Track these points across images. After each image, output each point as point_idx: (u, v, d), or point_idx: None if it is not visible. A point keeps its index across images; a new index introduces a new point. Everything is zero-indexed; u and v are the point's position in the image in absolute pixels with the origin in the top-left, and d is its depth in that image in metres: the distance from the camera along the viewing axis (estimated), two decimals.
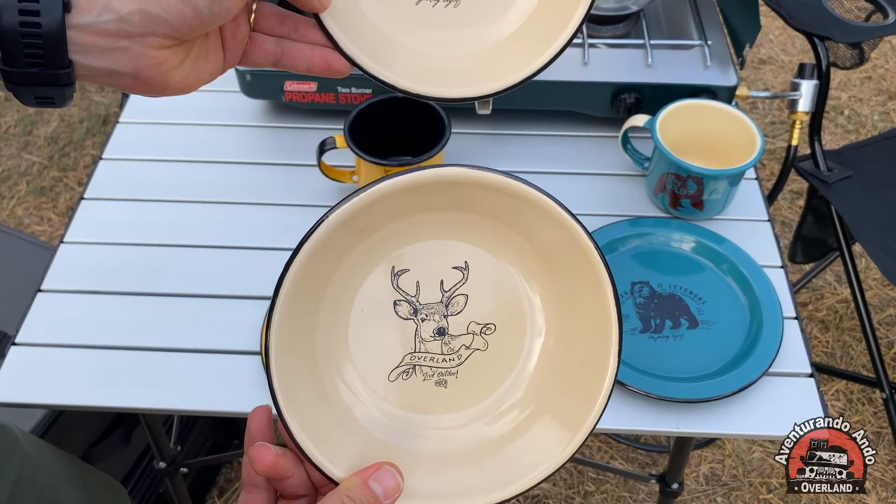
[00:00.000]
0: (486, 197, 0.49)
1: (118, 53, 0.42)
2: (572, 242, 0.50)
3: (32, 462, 0.73)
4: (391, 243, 0.50)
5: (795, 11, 1.21)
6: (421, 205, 0.49)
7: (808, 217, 1.37)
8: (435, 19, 0.53)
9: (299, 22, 0.50)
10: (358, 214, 0.47)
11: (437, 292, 0.51)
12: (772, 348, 0.74)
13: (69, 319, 0.79)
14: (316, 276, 0.48)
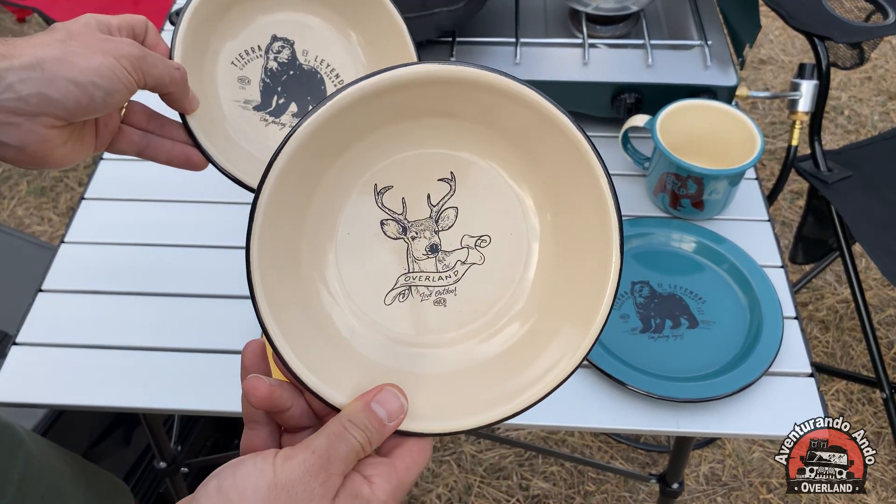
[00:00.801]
0: (451, 94, 0.46)
1: (11, 128, 0.46)
2: (548, 125, 0.45)
3: (37, 461, 0.73)
4: (367, 160, 0.48)
5: (795, 11, 1.21)
6: (388, 115, 0.47)
7: (808, 217, 1.37)
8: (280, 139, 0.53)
9: (165, 121, 0.58)
10: (321, 132, 0.44)
11: (424, 207, 0.49)
12: (772, 348, 0.74)
13: (70, 319, 0.79)
14: (291, 205, 0.46)
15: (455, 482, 1.45)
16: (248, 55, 0.63)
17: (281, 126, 0.62)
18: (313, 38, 0.64)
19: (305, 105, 0.63)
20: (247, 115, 0.62)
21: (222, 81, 0.62)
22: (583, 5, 0.99)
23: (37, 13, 1.62)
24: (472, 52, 0.95)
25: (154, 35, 0.56)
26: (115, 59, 0.48)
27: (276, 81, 0.63)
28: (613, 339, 0.76)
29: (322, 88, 0.64)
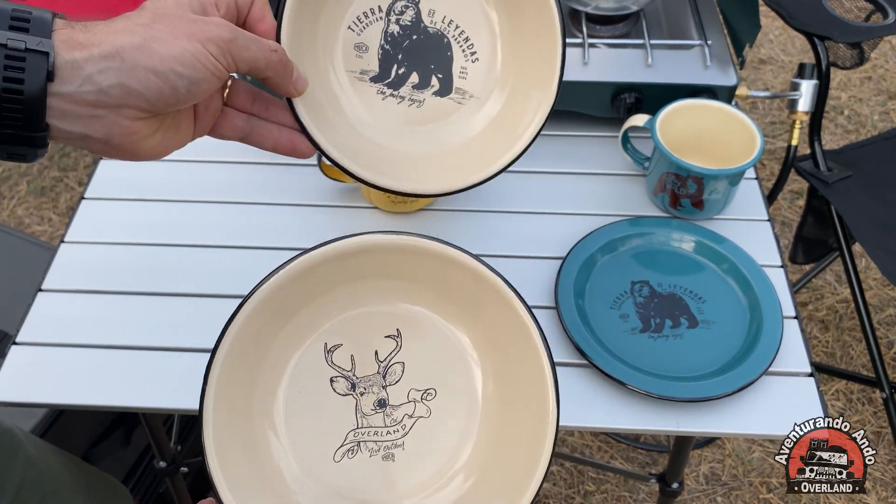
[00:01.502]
0: (399, 260, 0.49)
1: (94, 121, 0.43)
2: (488, 289, 0.49)
3: (36, 466, 0.73)
4: (319, 319, 0.50)
5: (795, 11, 1.21)
6: (338, 278, 0.49)
7: (808, 217, 1.37)
8: (398, 116, 0.55)
9: (270, 102, 0.52)
10: (276, 295, 0.47)
11: (372, 363, 0.51)
12: (772, 348, 0.74)
13: (70, 319, 0.79)
14: (246, 362, 0.47)
15: None
16: (368, 17, 0.55)
17: (399, 100, 0.55)
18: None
19: (428, 75, 0.55)
20: (362, 88, 0.55)
21: (337, 50, 0.55)
22: (582, 5, 0.99)
23: None
24: None
25: (260, 7, 0.50)
26: (200, 44, 0.44)
27: (397, 48, 0.55)
28: (613, 338, 0.76)
29: (448, 55, 0.55)
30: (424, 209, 0.90)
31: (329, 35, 0.54)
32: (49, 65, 0.41)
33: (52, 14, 0.43)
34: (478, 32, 0.56)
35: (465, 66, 0.56)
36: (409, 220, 0.89)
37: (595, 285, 0.81)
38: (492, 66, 0.56)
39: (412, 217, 0.89)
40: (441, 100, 0.55)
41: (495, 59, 0.56)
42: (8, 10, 0.42)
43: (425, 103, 0.55)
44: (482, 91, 0.56)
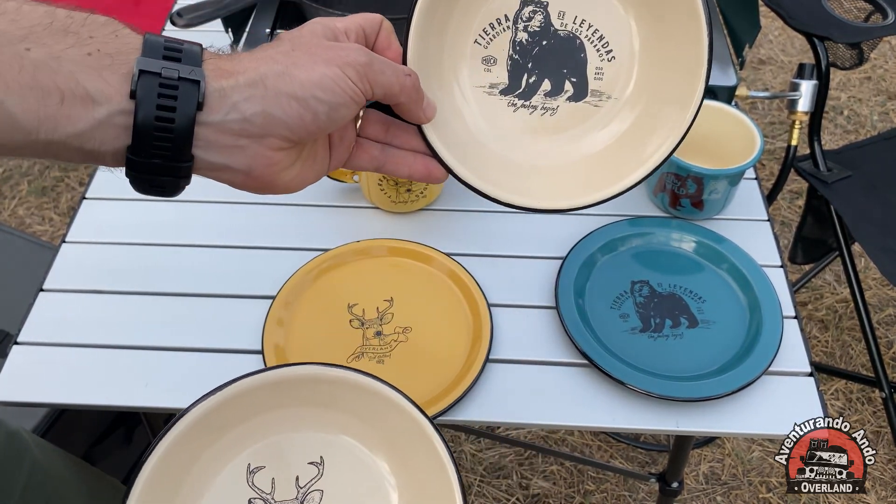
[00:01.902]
0: (338, 391, 0.52)
1: (237, 151, 0.44)
2: (416, 430, 0.52)
3: (41, 469, 0.73)
4: (245, 441, 0.52)
5: (795, 12, 1.21)
6: (268, 404, 0.52)
7: (808, 217, 1.37)
8: (531, 127, 0.53)
9: (401, 129, 0.52)
10: (207, 416, 0.50)
11: (292, 488, 0.52)
12: (771, 348, 0.74)
13: (71, 318, 0.80)
14: (170, 476, 0.49)
15: None
16: (494, 28, 0.52)
17: (531, 110, 0.52)
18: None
19: (561, 81, 0.52)
20: (492, 103, 0.53)
21: (464, 66, 0.52)
22: None
23: None
24: None
25: (387, 35, 0.50)
26: (338, 68, 0.44)
27: (527, 56, 0.52)
28: (613, 338, 0.76)
29: (582, 56, 0.52)
30: (424, 209, 0.90)
31: (455, 53, 0.52)
32: (200, 94, 0.41)
33: (201, 46, 0.44)
34: (613, 29, 0.52)
35: (600, 65, 0.52)
36: (410, 219, 0.89)
37: (595, 285, 0.81)
38: (630, 64, 0.52)
39: (412, 217, 0.89)
40: (577, 105, 0.53)
41: (633, 59, 0.52)
42: (161, 42, 0.42)
43: (559, 110, 0.53)
44: (620, 90, 0.53)
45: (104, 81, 0.40)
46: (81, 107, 0.40)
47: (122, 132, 0.41)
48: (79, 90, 0.39)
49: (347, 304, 0.80)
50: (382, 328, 0.78)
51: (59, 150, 0.41)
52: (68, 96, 0.39)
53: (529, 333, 0.78)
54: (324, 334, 0.78)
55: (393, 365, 0.75)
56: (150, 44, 0.42)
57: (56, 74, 0.39)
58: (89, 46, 0.40)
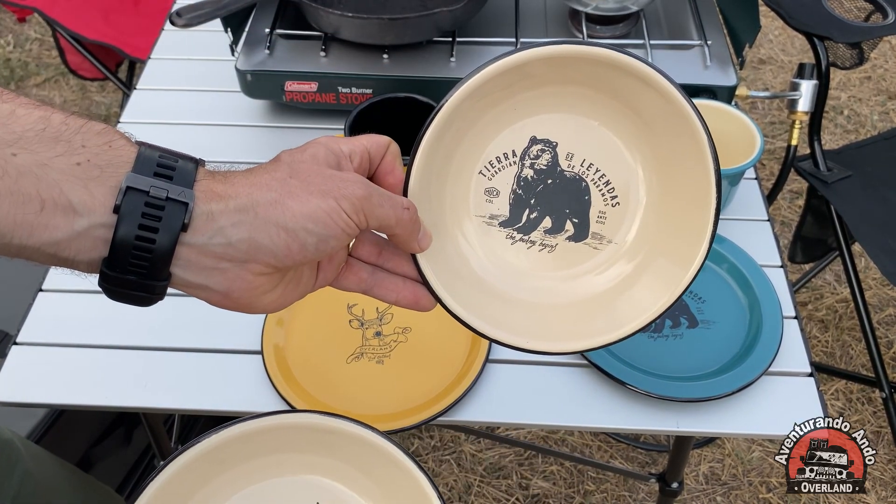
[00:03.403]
0: (336, 441, 0.53)
1: (217, 273, 0.43)
2: (415, 486, 0.52)
3: (33, 478, 0.73)
4: (243, 480, 0.54)
5: (795, 11, 1.21)
6: (273, 446, 0.53)
7: (807, 217, 1.37)
8: (527, 263, 0.53)
9: (395, 252, 0.50)
10: (203, 457, 0.53)
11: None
12: (771, 348, 0.74)
13: (70, 319, 0.79)
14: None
15: (455, 481, 1.45)
16: (500, 162, 0.52)
17: (529, 245, 0.52)
18: (582, 138, 0.51)
19: (563, 220, 0.52)
20: (491, 234, 0.52)
21: (467, 196, 0.52)
22: (583, 5, 0.99)
23: (37, 13, 1.62)
24: (472, 52, 0.95)
25: (392, 159, 0.49)
26: (334, 201, 0.43)
27: (530, 192, 0.52)
28: None
29: (586, 199, 0.52)
30: None
31: (459, 182, 0.52)
32: (187, 215, 0.40)
33: (196, 162, 0.42)
34: (620, 175, 0.52)
35: (603, 209, 0.52)
36: None
37: None
38: (634, 212, 0.52)
39: None
40: (576, 245, 0.52)
41: (638, 208, 0.52)
42: (155, 157, 0.41)
43: (557, 248, 0.52)
44: (622, 237, 0.52)
45: (89, 193, 0.39)
46: (62, 216, 0.39)
47: (100, 244, 0.40)
48: (61, 200, 0.38)
49: (347, 305, 0.80)
50: (382, 328, 0.78)
51: (31, 255, 0.40)
52: (49, 205, 0.38)
53: None
54: (323, 334, 0.78)
55: (392, 365, 0.75)
56: (143, 159, 0.41)
57: (39, 182, 0.38)
58: (80, 156, 0.39)
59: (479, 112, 0.50)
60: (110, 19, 1.72)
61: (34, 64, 2.32)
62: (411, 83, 0.92)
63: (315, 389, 0.74)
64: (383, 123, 0.88)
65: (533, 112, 0.51)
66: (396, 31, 0.91)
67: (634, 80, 0.47)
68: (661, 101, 0.47)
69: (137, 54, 1.62)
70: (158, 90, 1.05)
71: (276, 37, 0.97)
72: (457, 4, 0.90)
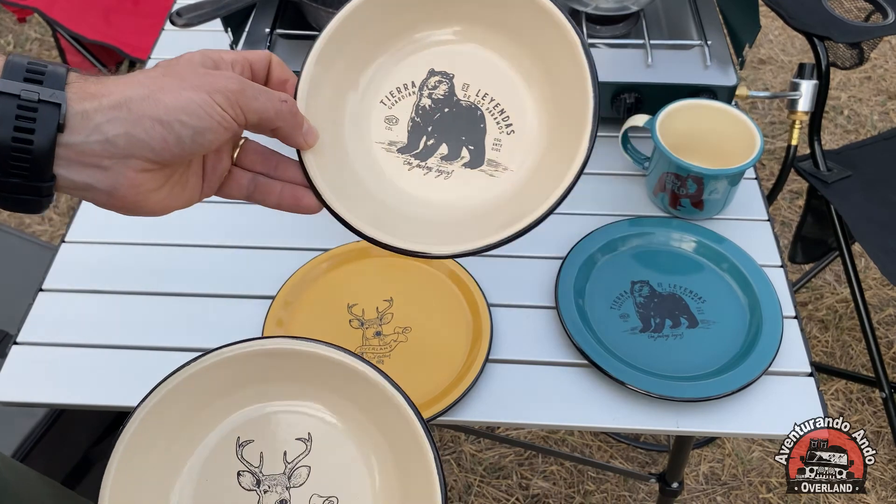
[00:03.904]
0: (325, 369, 0.53)
1: (99, 171, 0.44)
2: (399, 414, 0.53)
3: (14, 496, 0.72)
4: (236, 407, 0.54)
5: (795, 11, 1.21)
6: (263, 374, 0.53)
7: (807, 217, 1.37)
8: (422, 186, 0.54)
9: (280, 160, 0.52)
10: (203, 376, 0.52)
11: (280, 463, 0.53)
12: (771, 348, 0.74)
13: (70, 319, 0.80)
14: (154, 443, 0.51)
15: (455, 481, 1.45)
16: (401, 92, 0.55)
17: (426, 171, 0.54)
18: (478, 69, 0.54)
19: (458, 147, 0.54)
20: (389, 158, 0.54)
21: (367, 122, 0.54)
22: (583, 5, 0.99)
23: (37, 13, 1.62)
24: None
25: (280, 69, 0.51)
26: (206, 94, 0.44)
27: (428, 121, 0.54)
28: (613, 338, 0.76)
29: (482, 127, 0.54)
30: None
31: (361, 108, 0.54)
32: (61, 116, 0.42)
33: (67, 68, 0.44)
34: (514, 104, 0.54)
35: (499, 137, 0.54)
36: None
37: (595, 285, 0.81)
38: (527, 137, 0.54)
39: None
40: (472, 171, 0.54)
41: (531, 132, 0.54)
42: (23, 63, 0.43)
43: (454, 175, 0.54)
44: (518, 164, 0.54)
45: None
46: None
47: None
48: None
49: (347, 304, 0.80)
50: (382, 328, 0.78)
51: None
52: None
53: (529, 333, 0.78)
54: (323, 334, 0.78)
55: (393, 365, 0.75)
56: (12, 65, 0.42)
57: None
58: None
59: (373, 37, 0.53)
60: (110, 19, 1.72)
61: None
62: None
63: None
64: None
65: (431, 45, 0.54)
66: None
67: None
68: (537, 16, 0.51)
69: (137, 54, 1.62)
70: None
71: (276, 36, 0.97)
72: None
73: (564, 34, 0.50)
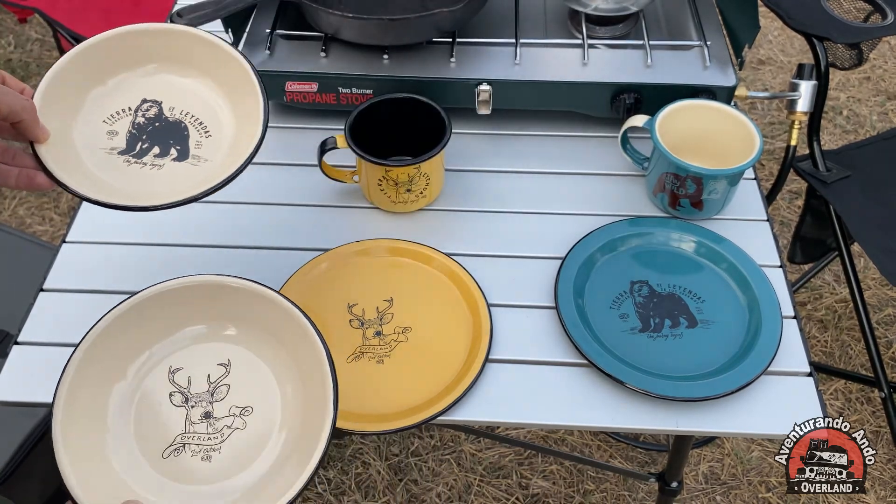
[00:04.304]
0: (237, 301, 0.67)
1: None
2: (294, 325, 0.65)
3: None
4: (170, 345, 0.67)
5: (794, 12, 1.22)
6: (180, 320, 0.67)
7: (806, 217, 1.37)
8: (138, 175, 0.69)
9: (17, 152, 0.64)
10: (136, 312, 0.65)
11: (204, 384, 0.66)
12: (771, 347, 0.74)
13: (71, 318, 0.80)
14: (98, 380, 0.64)
15: (455, 481, 1.45)
16: (119, 115, 0.71)
17: (142, 165, 0.69)
18: (180, 95, 0.72)
19: (168, 147, 0.70)
20: (111, 159, 0.69)
21: (90, 133, 0.69)
22: (582, 6, 0.99)
23: (38, 13, 1.62)
24: (472, 53, 0.95)
25: (14, 81, 0.63)
26: None
27: (142, 132, 0.71)
28: (612, 338, 0.76)
29: (185, 134, 0.71)
30: (424, 209, 0.90)
31: (87, 125, 0.69)
32: None
33: None
34: (210, 117, 0.72)
35: (199, 140, 0.71)
36: (410, 219, 0.89)
37: (595, 285, 0.81)
38: (222, 138, 0.71)
39: (412, 217, 0.89)
40: (180, 164, 0.70)
41: (224, 134, 0.72)
42: None
43: (165, 167, 0.69)
44: (217, 156, 0.70)
45: None
46: None
47: None
48: None
49: (347, 304, 0.80)
50: (382, 328, 0.78)
51: None
52: None
53: (529, 333, 0.78)
54: (323, 334, 0.78)
55: (393, 365, 0.75)
56: None
57: None
58: None
59: (86, 83, 0.70)
60: (111, 20, 1.72)
61: (35, 64, 2.32)
62: (411, 84, 0.92)
63: None
64: (383, 124, 0.89)
65: (139, 87, 0.72)
66: (396, 32, 0.91)
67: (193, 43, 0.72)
68: (212, 52, 0.71)
69: None
70: None
71: (276, 37, 0.97)
72: (457, 5, 0.91)
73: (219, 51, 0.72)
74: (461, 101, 0.94)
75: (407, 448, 1.50)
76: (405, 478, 1.46)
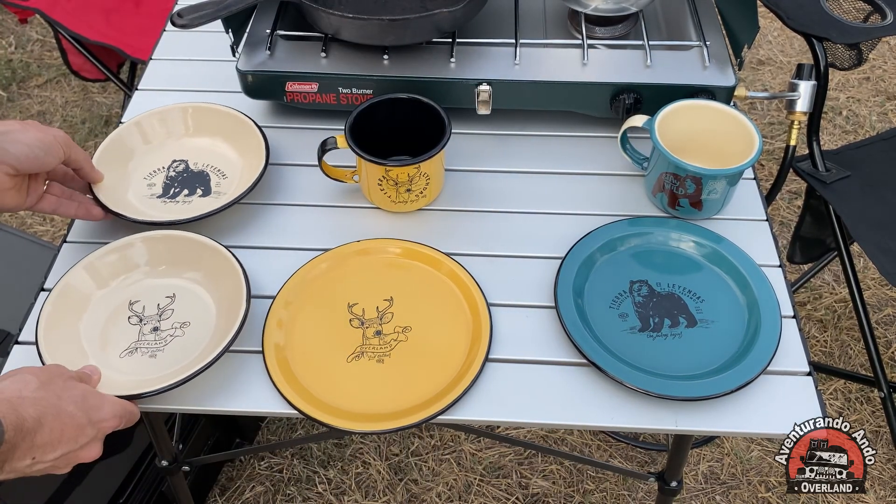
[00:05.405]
0: (179, 247, 0.83)
1: None
2: (223, 260, 0.82)
3: None
4: (128, 285, 0.82)
5: (794, 12, 1.22)
6: (142, 258, 0.83)
7: (806, 217, 1.38)
8: (169, 210, 0.90)
9: (74, 193, 0.84)
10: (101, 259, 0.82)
11: (155, 309, 0.80)
12: (770, 347, 0.74)
13: None
14: (72, 304, 0.79)
15: (455, 481, 1.45)
16: (155, 172, 0.93)
17: (175, 203, 0.89)
18: (201, 153, 0.95)
19: (195, 187, 0.91)
20: (151, 201, 0.90)
21: (135, 187, 0.91)
22: (582, 6, 0.99)
23: (39, 14, 1.62)
24: (472, 53, 0.95)
25: (79, 156, 0.83)
26: (51, 136, 0.77)
27: (174, 181, 0.92)
28: (612, 337, 0.77)
29: (208, 180, 0.92)
30: (424, 209, 0.90)
31: (132, 179, 0.92)
32: None
33: None
34: (225, 164, 0.93)
35: (219, 181, 0.92)
36: (410, 219, 0.89)
37: (594, 285, 0.81)
38: (235, 177, 0.92)
39: (412, 217, 0.89)
40: (204, 199, 0.90)
41: (238, 174, 0.92)
42: None
43: (193, 202, 0.89)
44: (230, 188, 0.91)
45: None
46: None
47: None
48: None
49: (347, 304, 0.80)
50: (382, 328, 0.78)
51: None
52: None
53: (529, 333, 0.78)
54: (324, 334, 0.78)
55: (393, 364, 0.75)
56: None
57: None
58: None
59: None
60: (111, 20, 1.72)
61: (36, 65, 2.33)
62: (411, 84, 0.92)
63: (315, 388, 0.74)
64: (383, 124, 0.89)
65: (170, 149, 0.96)
66: (396, 33, 0.91)
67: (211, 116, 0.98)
68: (222, 119, 0.98)
69: (139, 55, 1.62)
70: (160, 91, 1.06)
71: (276, 38, 0.97)
72: (457, 6, 0.91)
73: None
74: (461, 101, 0.94)
75: (407, 448, 1.50)
76: (405, 477, 1.46)
